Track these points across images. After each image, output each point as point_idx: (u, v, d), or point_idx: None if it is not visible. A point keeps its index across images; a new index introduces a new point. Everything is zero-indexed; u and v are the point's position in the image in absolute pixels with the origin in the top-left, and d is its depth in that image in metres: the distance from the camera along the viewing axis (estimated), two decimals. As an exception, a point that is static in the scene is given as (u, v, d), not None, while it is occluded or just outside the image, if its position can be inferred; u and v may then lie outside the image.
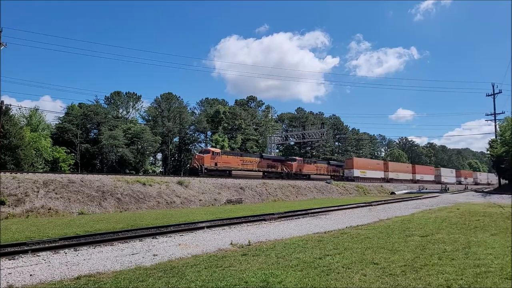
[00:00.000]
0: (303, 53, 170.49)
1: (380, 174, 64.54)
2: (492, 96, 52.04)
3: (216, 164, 38.88)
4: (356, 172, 57.58)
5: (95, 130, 60.85)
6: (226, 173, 39.33)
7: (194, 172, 36.68)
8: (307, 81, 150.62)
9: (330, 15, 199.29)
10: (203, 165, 37.34)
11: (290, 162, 49.50)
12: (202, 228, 12.80)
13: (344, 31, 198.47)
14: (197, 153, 41.76)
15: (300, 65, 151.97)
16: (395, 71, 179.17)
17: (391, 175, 67.10)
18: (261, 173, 44.24)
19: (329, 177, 52.14)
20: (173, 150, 70.96)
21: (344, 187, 47.28)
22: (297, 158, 52.75)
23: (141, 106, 73.64)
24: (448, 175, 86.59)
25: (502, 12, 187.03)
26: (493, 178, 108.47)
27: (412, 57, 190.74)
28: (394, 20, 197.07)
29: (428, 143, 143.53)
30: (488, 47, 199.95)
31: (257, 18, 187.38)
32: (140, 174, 51.68)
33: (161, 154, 72.14)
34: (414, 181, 72.53)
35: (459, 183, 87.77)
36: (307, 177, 50.15)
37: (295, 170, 48.84)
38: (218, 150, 41.61)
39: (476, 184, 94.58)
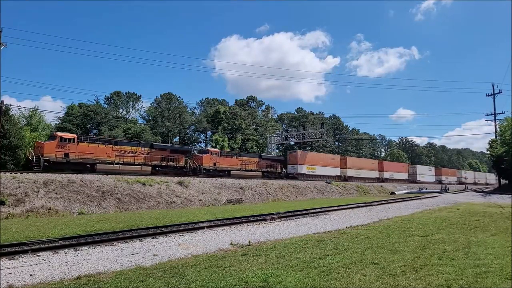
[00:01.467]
0: (303, 53, 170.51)
1: (335, 171, 55.71)
2: (492, 96, 52.10)
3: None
4: (302, 169, 49.06)
5: (95, 130, 60.85)
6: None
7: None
8: (307, 81, 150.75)
9: (331, 15, 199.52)
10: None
11: (200, 155, 38.37)
12: (202, 228, 12.80)
13: (345, 31, 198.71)
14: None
15: (300, 65, 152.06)
16: (396, 71, 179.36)
17: (350, 172, 58.67)
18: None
19: (260, 174, 43.05)
20: (173, 150, 70.84)
21: (344, 187, 47.31)
22: (211, 149, 41.28)
23: (141, 106, 73.65)
24: (425, 173, 79.42)
25: (502, 12, 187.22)
26: (481, 177, 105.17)
27: (412, 57, 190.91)
28: (395, 19, 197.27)
29: (428, 143, 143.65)
30: (488, 47, 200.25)
31: (258, 18, 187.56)
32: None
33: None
34: (380, 179, 65.25)
35: (439, 182, 79.83)
36: (226, 173, 39.11)
37: (208, 164, 37.63)
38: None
39: (461, 183, 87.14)
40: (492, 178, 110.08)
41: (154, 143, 37.25)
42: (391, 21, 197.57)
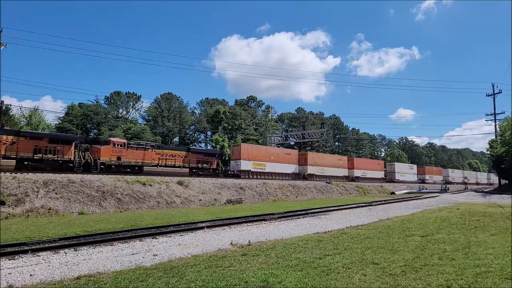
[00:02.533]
0: (304, 52, 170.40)
1: (291, 168, 48.64)
2: (492, 96, 52.12)
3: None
4: (247, 165, 41.89)
5: (95, 130, 60.93)
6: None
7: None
8: (307, 81, 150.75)
9: (331, 15, 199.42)
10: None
11: (99, 147, 31.16)
12: (202, 228, 12.80)
13: (346, 31, 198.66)
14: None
15: (301, 65, 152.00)
16: (396, 71, 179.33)
17: (311, 169, 50.38)
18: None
19: (187, 170, 35.16)
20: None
21: (344, 187, 47.31)
22: (115, 139, 33.12)
23: (141, 106, 73.72)
24: (405, 171, 72.24)
25: (502, 12, 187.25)
26: (471, 177, 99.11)
27: (413, 57, 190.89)
28: (396, 19, 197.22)
29: (428, 143, 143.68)
30: (488, 47, 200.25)
31: (258, 18, 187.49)
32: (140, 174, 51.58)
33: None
34: (351, 178, 57.76)
35: (422, 182, 73.88)
36: (137, 169, 31.77)
37: (109, 158, 30.06)
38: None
39: (447, 183, 79.92)
40: (484, 178, 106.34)
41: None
42: (392, 21, 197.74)
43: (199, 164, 36.93)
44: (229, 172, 42.23)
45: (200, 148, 46.21)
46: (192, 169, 35.94)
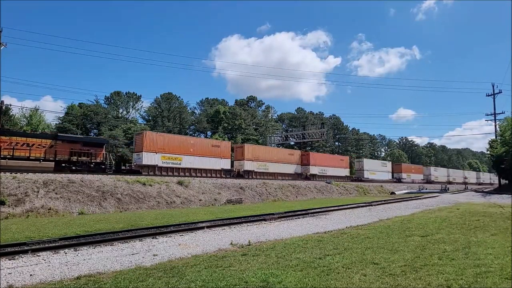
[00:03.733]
0: (305, 52, 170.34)
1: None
2: (492, 96, 52.13)
3: None
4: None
5: (95, 130, 60.94)
6: None
7: None
8: (308, 81, 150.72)
9: (332, 15, 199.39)
10: None
11: None
12: (202, 228, 12.80)
13: (346, 30, 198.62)
14: None
15: (302, 64, 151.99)
16: (397, 70, 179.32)
17: (253, 166, 42.32)
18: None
19: (51, 165, 26.10)
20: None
21: (344, 187, 47.31)
22: None
23: (141, 106, 73.79)
24: (376, 168, 63.73)
25: (502, 12, 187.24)
26: (457, 175, 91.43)
27: (414, 57, 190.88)
28: (396, 19, 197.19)
29: (428, 143, 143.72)
30: (488, 47, 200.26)
31: (259, 17, 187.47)
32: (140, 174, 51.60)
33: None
34: (305, 176, 48.84)
35: (398, 180, 67.40)
36: None
37: None
38: None
39: (429, 182, 74.41)
40: (473, 177, 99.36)
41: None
42: (392, 20, 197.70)
43: (74, 157, 27.87)
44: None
45: (76, 136, 36.24)
46: (61, 162, 26.95)
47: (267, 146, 52.58)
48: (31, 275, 6.58)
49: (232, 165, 41.49)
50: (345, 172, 56.89)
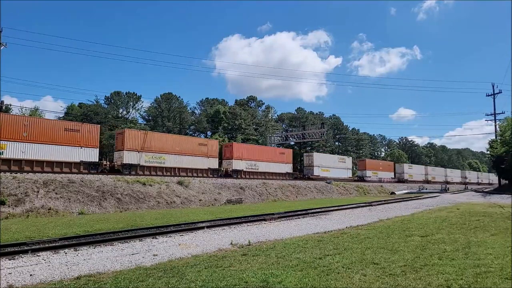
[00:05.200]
0: (306, 52, 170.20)
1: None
2: (492, 96, 52.15)
3: None
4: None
5: (95, 130, 60.70)
6: None
7: None
8: (309, 81, 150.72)
9: (333, 15, 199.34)
10: None
11: None
12: (202, 228, 12.80)
13: (347, 30, 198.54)
14: None
15: (302, 64, 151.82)
16: (398, 70, 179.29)
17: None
18: None
19: None
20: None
21: (344, 187, 47.31)
22: None
23: (141, 106, 73.68)
24: (329, 165, 53.20)
25: (502, 12, 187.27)
26: (437, 174, 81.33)
27: (414, 57, 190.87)
28: (397, 19, 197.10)
29: (428, 143, 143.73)
30: (489, 47, 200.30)
31: (260, 17, 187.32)
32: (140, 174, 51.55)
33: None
34: (227, 173, 39.01)
35: (360, 179, 58.58)
36: None
37: None
38: None
39: (401, 181, 66.67)
40: (457, 175, 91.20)
41: None
42: (393, 20, 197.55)
43: None
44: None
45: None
46: None
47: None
48: (31, 275, 6.58)
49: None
50: (286, 168, 46.69)
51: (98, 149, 29.30)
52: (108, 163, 31.15)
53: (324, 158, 54.06)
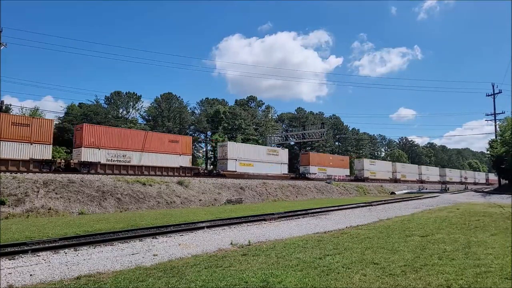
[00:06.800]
0: (306, 52, 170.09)
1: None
2: (492, 96, 52.14)
3: None
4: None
5: (95, 130, 60.69)
6: None
7: None
8: (309, 81, 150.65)
9: (334, 15, 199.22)
10: None
11: None
12: (202, 228, 12.80)
13: (348, 30, 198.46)
14: None
15: (303, 64, 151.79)
16: (398, 70, 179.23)
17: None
18: None
19: None
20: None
21: (344, 187, 47.33)
22: None
23: (141, 106, 73.62)
24: (256, 158, 42.75)
25: (502, 12, 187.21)
26: (410, 171, 72.41)
27: (415, 57, 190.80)
28: (398, 18, 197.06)
29: (429, 143, 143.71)
30: (489, 47, 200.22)
31: (260, 17, 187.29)
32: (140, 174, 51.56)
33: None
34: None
35: (301, 176, 49.32)
36: None
37: None
38: None
39: (360, 180, 57.76)
40: (434, 173, 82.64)
41: None
42: (394, 20, 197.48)
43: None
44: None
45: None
46: None
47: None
48: (31, 275, 6.58)
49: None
50: (179, 160, 35.09)
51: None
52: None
53: (247, 150, 43.12)
